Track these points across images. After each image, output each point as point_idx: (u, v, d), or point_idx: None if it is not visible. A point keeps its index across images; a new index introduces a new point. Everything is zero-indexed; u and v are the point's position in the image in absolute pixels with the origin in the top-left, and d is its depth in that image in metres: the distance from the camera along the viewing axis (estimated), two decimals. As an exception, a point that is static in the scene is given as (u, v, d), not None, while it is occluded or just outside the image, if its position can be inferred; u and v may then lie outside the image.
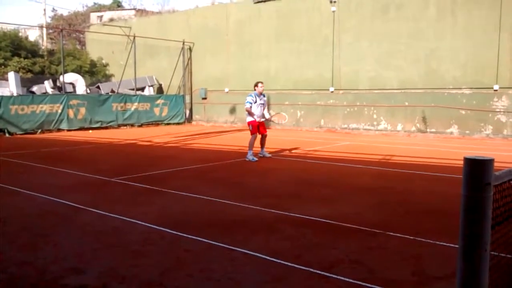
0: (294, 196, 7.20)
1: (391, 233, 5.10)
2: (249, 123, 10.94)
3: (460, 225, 1.81)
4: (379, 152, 12.30)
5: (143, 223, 5.50)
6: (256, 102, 10.76)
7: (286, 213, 5.98)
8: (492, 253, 1.89)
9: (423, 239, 4.87)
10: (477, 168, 1.76)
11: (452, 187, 7.39)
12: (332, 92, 19.70)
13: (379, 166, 10.10)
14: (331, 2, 19.39)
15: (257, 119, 10.83)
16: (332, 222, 5.56)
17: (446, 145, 14.36)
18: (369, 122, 18.84)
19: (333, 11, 19.35)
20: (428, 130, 17.40)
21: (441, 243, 4.73)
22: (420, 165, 10.29)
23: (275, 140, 15.75)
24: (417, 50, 17.48)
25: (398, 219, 5.83)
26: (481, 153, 11.75)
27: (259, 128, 10.95)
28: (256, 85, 10.93)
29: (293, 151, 12.75)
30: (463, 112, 16.67)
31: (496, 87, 15.98)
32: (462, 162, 1.81)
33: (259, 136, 11.03)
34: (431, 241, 4.81)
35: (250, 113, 10.79)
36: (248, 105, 10.76)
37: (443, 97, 17.01)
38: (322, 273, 4.00)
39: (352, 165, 10.45)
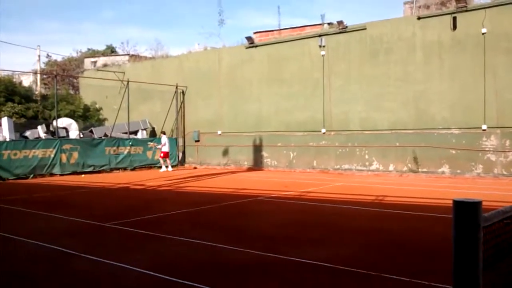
0: (289, 238, 7.17)
1: (387, 275, 5.08)
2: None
3: (452, 267, 1.85)
4: (372, 193, 12.34)
5: (136, 269, 5.43)
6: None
7: (281, 256, 5.95)
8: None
9: (419, 281, 4.85)
10: (466, 211, 1.82)
11: (445, 227, 7.41)
12: (324, 133, 19.92)
13: (372, 207, 10.12)
14: (320, 47, 19.92)
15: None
16: (328, 265, 5.54)
17: (438, 184, 14.44)
18: (361, 162, 18.97)
19: (323, 55, 19.85)
20: (419, 170, 17.54)
21: (437, 285, 4.72)
22: (412, 205, 10.32)
23: (269, 181, 15.79)
24: (407, 92, 17.87)
25: (393, 260, 5.81)
26: (472, 193, 11.82)
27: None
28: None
29: (286, 193, 12.76)
30: (454, 151, 16.88)
31: (484, 126, 16.27)
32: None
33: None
34: (426, 283, 4.79)
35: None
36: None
37: (433, 137, 17.26)
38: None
39: (346, 206, 10.45)
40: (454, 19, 16.93)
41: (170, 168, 21.29)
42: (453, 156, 16.91)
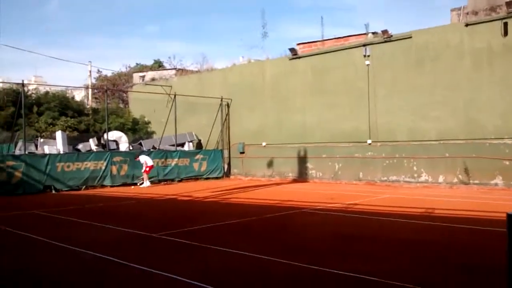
0: (335, 251, 7.11)
1: (437, 290, 4.94)
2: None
3: (507, 282, 1.81)
4: (420, 205, 12.03)
5: (185, 280, 5.54)
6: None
7: (326, 269, 5.91)
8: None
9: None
10: (520, 226, 1.78)
11: (499, 242, 7.13)
12: (369, 144, 19.63)
13: (421, 220, 9.86)
14: (364, 56, 19.73)
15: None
16: (373, 278, 5.45)
17: (491, 197, 13.90)
18: (409, 174, 18.53)
19: (367, 65, 19.64)
20: (471, 181, 16.93)
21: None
22: (463, 219, 9.98)
23: (314, 193, 15.71)
24: (455, 101, 17.36)
25: (442, 276, 5.65)
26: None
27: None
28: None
29: (332, 205, 12.64)
30: (507, 162, 16.20)
31: (540, 136, 15.56)
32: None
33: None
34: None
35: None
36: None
37: (485, 147, 16.64)
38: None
39: (393, 218, 10.25)
40: (505, 24, 16.36)
41: (145, 184, 19.85)
42: (506, 167, 16.23)
